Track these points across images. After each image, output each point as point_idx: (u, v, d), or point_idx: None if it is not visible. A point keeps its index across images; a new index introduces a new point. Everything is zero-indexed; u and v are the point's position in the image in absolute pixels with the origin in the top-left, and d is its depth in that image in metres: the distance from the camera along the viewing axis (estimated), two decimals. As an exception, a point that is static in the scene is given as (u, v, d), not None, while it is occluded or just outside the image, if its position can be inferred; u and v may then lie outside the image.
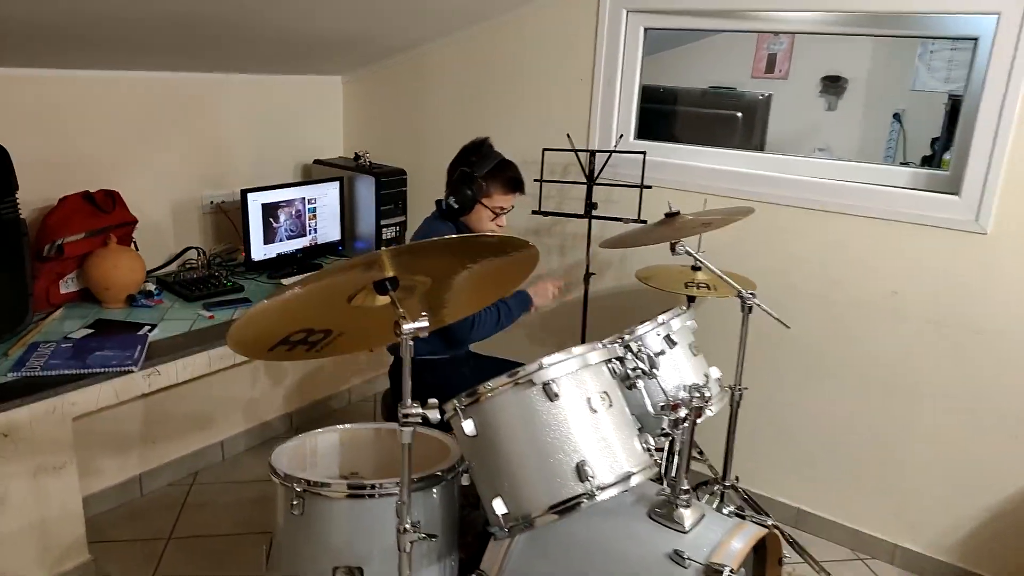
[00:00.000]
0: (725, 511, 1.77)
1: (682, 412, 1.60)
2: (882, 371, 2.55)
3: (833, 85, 4.37)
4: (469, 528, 1.91)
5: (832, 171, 2.60)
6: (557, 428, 1.47)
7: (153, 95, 2.88)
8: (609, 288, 3.06)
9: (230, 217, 3.24)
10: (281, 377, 3.33)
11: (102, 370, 2.20)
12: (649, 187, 2.72)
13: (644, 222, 2.72)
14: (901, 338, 2.50)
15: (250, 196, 3.00)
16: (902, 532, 2.63)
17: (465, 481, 1.75)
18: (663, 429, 1.76)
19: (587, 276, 2.93)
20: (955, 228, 2.34)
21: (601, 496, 1.43)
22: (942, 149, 4.00)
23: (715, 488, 2.46)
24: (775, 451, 2.81)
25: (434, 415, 1.40)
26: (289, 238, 3.19)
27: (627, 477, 1.47)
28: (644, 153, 2.72)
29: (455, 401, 1.52)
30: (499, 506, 1.48)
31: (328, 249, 3.37)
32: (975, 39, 2.33)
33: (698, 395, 1.66)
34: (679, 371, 1.82)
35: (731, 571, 1.45)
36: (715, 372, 1.95)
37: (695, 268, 2.51)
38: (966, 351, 2.39)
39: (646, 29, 2.81)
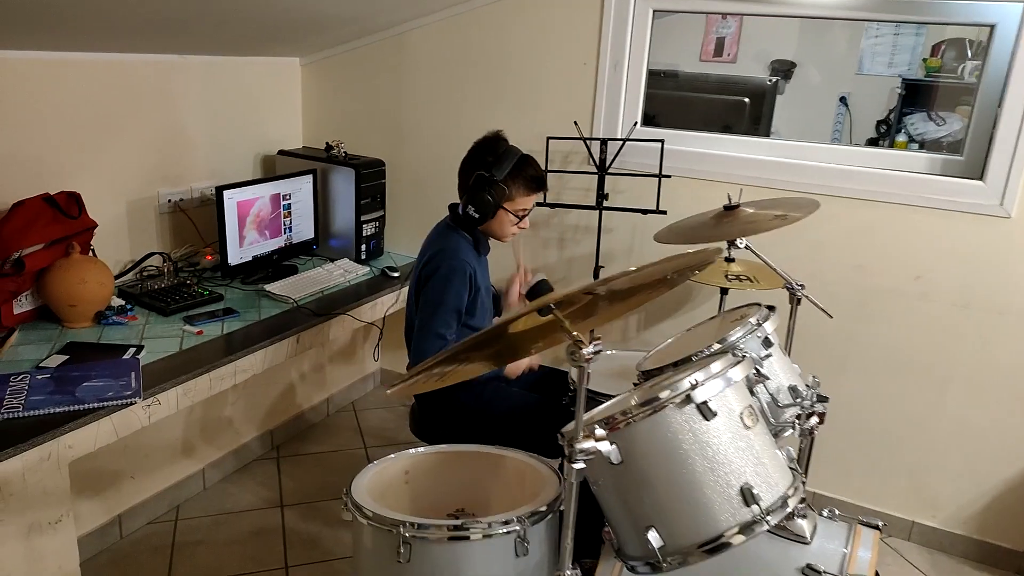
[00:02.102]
0: (825, 513, 1.71)
1: (815, 420, 1.52)
2: (905, 355, 2.59)
3: (782, 69, 4.45)
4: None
5: (844, 157, 2.60)
6: (717, 450, 1.35)
7: (105, 80, 2.50)
8: (616, 281, 2.95)
9: (190, 217, 2.89)
10: (257, 394, 3.02)
11: (99, 404, 1.88)
12: (668, 176, 2.63)
13: (664, 212, 2.64)
14: (925, 322, 2.54)
15: (226, 194, 2.67)
16: (919, 509, 2.70)
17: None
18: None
19: (597, 270, 2.81)
20: (979, 212, 2.39)
21: (772, 520, 1.32)
22: (895, 131, 4.17)
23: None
24: (792, 438, 2.82)
25: (605, 447, 1.24)
26: (263, 239, 2.88)
27: (785, 499, 1.37)
28: (663, 141, 2.62)
29: (596, 428, 1.37)
30: (655, 538, 1.34)
31: (303, 249, 3.09)
32: (992, 26, 2.37)
33: (820, 398, 1.58)
34: (777, 374, 1.74)
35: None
36: (797, 368, 1.89)
37: (729, 260, 2.45)
38: (989, 332, 2.46)
39: (655, 11, 2.70)
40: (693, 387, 1.34)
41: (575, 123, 2.79)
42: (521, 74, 2.94)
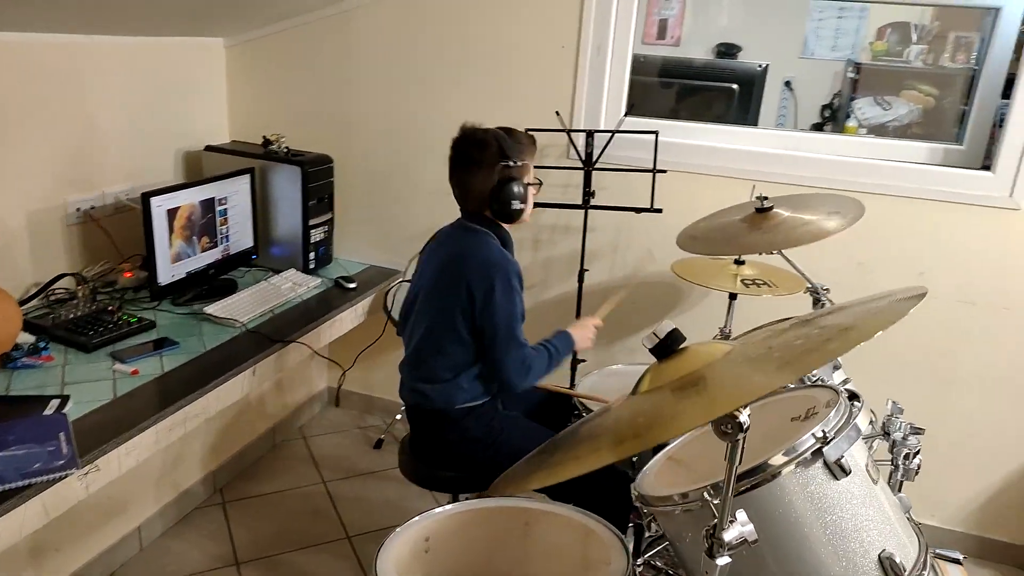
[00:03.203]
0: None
1: (918, 460, 1.34)
2: (908, 354, 2.49)
3: (726, 53, 4.33)
4: None
5: (846, 147, 2.46)
6: (849, 514, 1.13)
7: (-3, 64, 2.04)
8: (599, 284, 2.71)
9: (104, 227, 2.44)
10: (194, 431, 2.59)
11: (25, 482, 1.48)
12: (663, 171, 2.41)
13: (659, 211, 2.42)
14: (929, 319, 2.44)
15: (154, 201, 2.25)
16: (920, 510, 2.62)
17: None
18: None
19: (581, 273, 2.57)
20: (987, 204, 2.30)
21: (918, 594, 1.12)
22: (844, 115, 4.13)
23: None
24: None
25: (749, 531, 0.99)
26: (196, 251, 2.46)
27: (923, 565, 1.17)
28: (656, 133, 2.39)
29: (707, 494, 1.12)
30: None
31: (241, 260, 2.68)
32: (997, 9, 2.27)
33: (915, 430, 1.40)
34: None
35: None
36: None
37: (738, 262, 2.26)
38: (995, 329, 2.39)
39: (642, -11, 2.47)
40: (823, 442, 1.11)
41: (557, 113, 2.52)
42: (490, 59, 2.64)
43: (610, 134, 2.43)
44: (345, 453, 2.95)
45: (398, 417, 3.03)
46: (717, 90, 2.88)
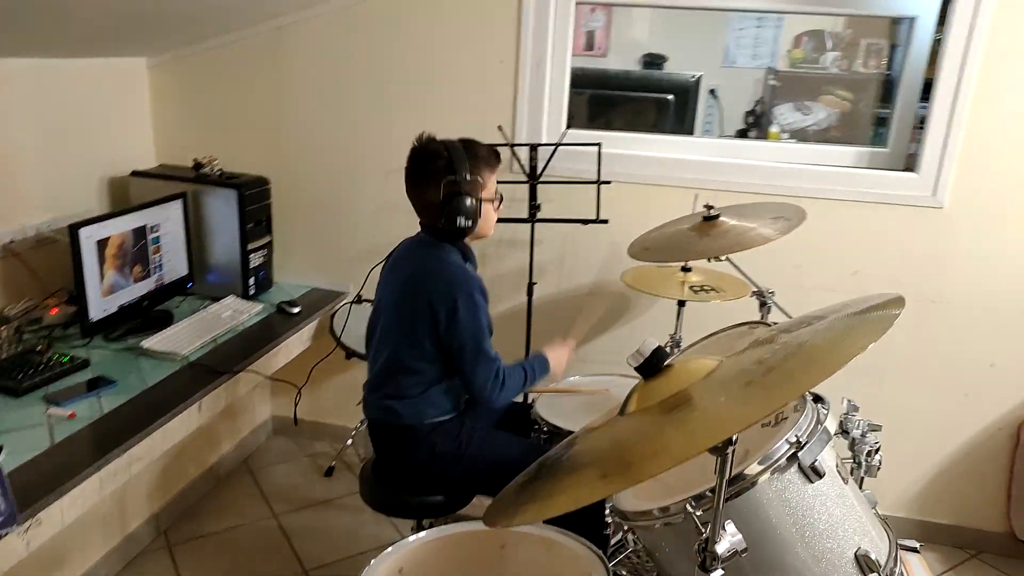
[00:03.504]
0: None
1: (879, 457, 1.38)
2: (845, 349, 2.58)
3: (653, 63, 4.43)
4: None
5: (777, 154, 2.55)
6: (824, 516, 1.15)
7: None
8: (548, 297, 2.72)
9: (25, 262, 2.30)
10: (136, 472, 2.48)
11: (-39, 545, 1.37)
12: (608, 183, 2.44)
13: (605, 222, 2.45)
14: (863, 315, 2.53)
15: (82, 232, 2.14)
16: (863, 499, 2.72)
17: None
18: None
19: (531, 287, 2.57)
20: (912, 204, 2.41)
21: (895, 589, 1.16)
22: (767, 121, 4.27)
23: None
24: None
25: (738, 540, 1.00)
26: (129, 282, 2.35)
27: (895, 559, 1.21)
28: (599, 145, 2.42)
29: (689, 507, 1.12)
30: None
31: (176, 289, 2.58)
32: (913, 18, 2.39)
33: (872, 427, 1.45)
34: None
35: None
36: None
37: (685, 269, 2.30)
38: (923, 321, 2.50)
39: (577, 3, 2.49)
40: (798, 447, 1.14)
41: (499, 128, 2.52)
42: (428, 74, 2.62)
43: (553, 147, 2.44)
44: (295, 483, 2.86)
45: (349, 442, 2.96)
46: (652, 100, 2.94)
